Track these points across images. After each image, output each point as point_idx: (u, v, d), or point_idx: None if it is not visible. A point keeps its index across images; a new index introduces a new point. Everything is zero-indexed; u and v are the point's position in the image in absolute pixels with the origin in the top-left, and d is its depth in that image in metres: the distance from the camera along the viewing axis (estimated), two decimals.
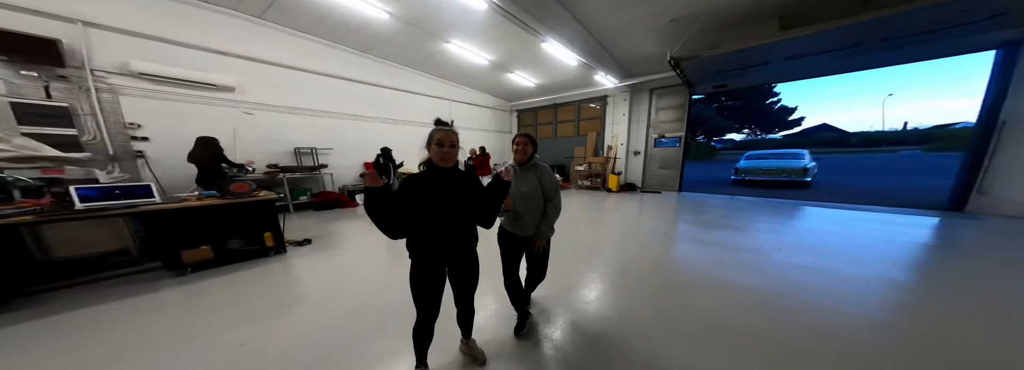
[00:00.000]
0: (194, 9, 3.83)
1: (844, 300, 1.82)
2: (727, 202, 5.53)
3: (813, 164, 7.55)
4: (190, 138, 4.00)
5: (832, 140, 39.93)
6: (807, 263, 2.41)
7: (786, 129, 40.98)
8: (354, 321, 1.61)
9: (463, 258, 1.10)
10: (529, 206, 1.32)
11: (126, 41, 3.48)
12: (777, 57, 4.46)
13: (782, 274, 2.21)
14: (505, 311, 1.67)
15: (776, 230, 3.50)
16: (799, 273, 2.22)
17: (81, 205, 1.87)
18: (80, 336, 1.47)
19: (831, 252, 2.67)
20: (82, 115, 3.33)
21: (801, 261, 2.45)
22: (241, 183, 2.54)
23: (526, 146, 1.31)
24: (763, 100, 36.73)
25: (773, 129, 39.66)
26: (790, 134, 41.95)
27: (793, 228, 3.62)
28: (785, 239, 3.10)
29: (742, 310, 1.71)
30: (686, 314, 1.67)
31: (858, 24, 3.31)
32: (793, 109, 39.49)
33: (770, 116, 37.65)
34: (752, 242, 3.02)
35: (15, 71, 2.96)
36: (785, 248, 2.79)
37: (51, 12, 3.03)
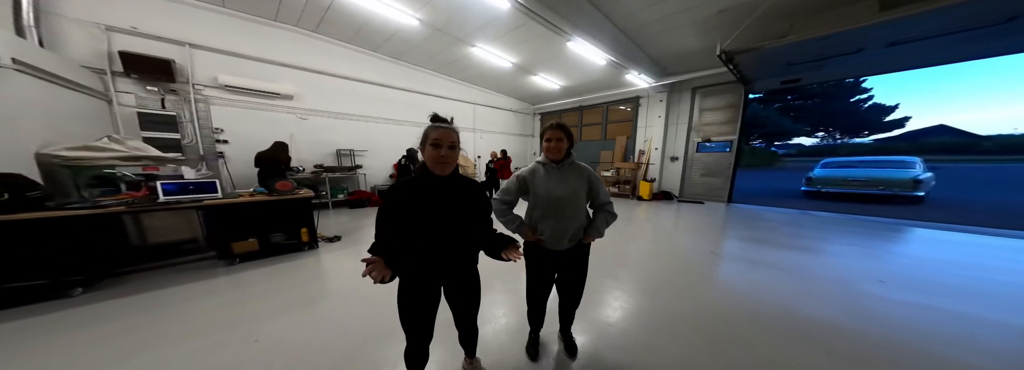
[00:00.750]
0: (265, 27, 4.49)
1: (993, 355, 1.30)
2: (795, 217, 4.63)
3: (928, 175, 5.94)
4: (257, 141, 4.62)
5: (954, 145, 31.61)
6: (924, 301, 1.83)
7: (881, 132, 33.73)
8: (362, 325, 1.60)
9: (462, 278, 0.95)
10: (564, 213, 1.10)
11: (217, 58, 4.20)
12: (877, 43, 3.57)
13: (888, 313, 1.70)
14: (516, 325, 1.53)
15: (871, 255, 2.77)
16: (914, 314, 1.69)
17: (163, 198, 2.22)
18: (143, 318, 1.69)
19: (961, 290, 2.00)
20: (184, 122, 4.06)
21: (915, 298, 1.87)
22: (285, 181, 2.81)
23: (561, 142, 1.10)
24: (846, 97, 30.77)
25: (861, 132, 32.87)
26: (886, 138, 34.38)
27: (896, 255, 2.83)
28: (886, 268, 2.42)
29: (830, 356, 1.31)
30: (744, 346, 1.33)
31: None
32: (892, 107, 32.51)
33: (856, 116, 31.33)
34: (837, 268, 2.41)
35: (143, 87, 3.73)
36: (888, 280, 2.16)
37: (168, 37, 3.78)
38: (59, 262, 1.58)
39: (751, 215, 4.80)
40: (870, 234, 3.57)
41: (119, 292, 1.96)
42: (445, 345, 1.31)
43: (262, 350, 1.37)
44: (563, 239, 1.13)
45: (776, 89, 5.70)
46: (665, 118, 6.56)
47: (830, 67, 4.52)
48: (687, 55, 5.12)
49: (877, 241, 3.28)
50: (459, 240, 0.89)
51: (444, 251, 0.87)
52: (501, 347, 1.40)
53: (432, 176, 0.84)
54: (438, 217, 0.83)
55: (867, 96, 31.32)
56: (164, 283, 2.11)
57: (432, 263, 0.87)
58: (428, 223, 0.83)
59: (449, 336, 1.19)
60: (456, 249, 0.89)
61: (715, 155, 6.14)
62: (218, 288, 2.06)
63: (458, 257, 0.91)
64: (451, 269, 0.91)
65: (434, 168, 0.83)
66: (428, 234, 0.83)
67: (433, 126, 0.83)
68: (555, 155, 1.12)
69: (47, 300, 1.80)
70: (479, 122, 8.06)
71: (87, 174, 2.33)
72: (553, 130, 1.11)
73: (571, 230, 1.12)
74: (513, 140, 9.19)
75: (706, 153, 6.27)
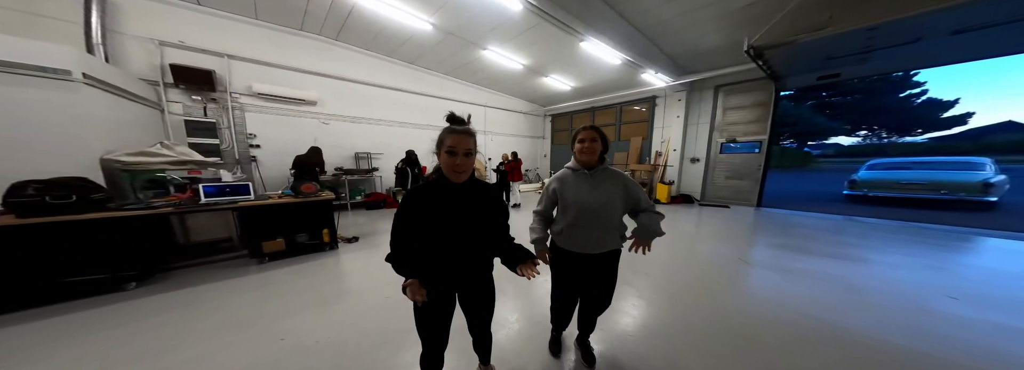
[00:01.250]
0: (292, 36, 4.80)
1: None
2: (837, 223, 4.24)
3: (1001, 177, 5.21)
4: (284, 145, 4.89)
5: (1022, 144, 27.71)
6: (1010, 322, 1.59)
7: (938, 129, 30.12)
8: (379, 327, 1.63)
9: (476, 284, 0.94)
10: (595, 222, 1.05)
11: (250, 67, 4.53)
12: (939, 31, 3.17)
13: (970, 338, 1.49)
14: (530, 330, 1.50)
15: (937, 268, 2.46)
16: (999, 337, 1.47)
17: (204, 200, 2.39)
18: (185, 312, 1.82)
19: None
20: (222, 128, 4.39)
21: (999, 319, 1.64)
22: (309, 184, 2.95)
23: (594, 142, 1.03)
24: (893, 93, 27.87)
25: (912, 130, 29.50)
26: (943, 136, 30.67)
27: (968, 267, 2.49)
28: (958, 283, 2.13)
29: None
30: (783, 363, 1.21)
31: None
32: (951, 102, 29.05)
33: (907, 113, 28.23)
34: (895, 282, 2.16)
35: (188, 96, 4.08)
36: (963, 297, 1.91)
37: (209, 49, 4.12)
38: (117, 258, 1.73)
39: (785, 220, 4.45)
40: (932, 244, 3.17)
41: (165, 287, 2.13)
42: (459, 351, 1.30)
43: (288, 348, 1.43)
44: (595, 245, 1.07)
45: (811, 85, 5.25)
46: (684, 118, 6.27)
47: (877, 60, 4.11)
48: (708, 52, 4.86)
49: (942, 252, 2.91)
50: (475, 246, 0.87)
51: (459, 257, 0.85)
52: (516, 353, 1.37)
53: (448, 182, 0.82)
54: (454, 223, 0.82)
55: (920, 91, 28.19)
56: (203, 279, 2.27)
57: (447, 269, 0.85)
58: (444, 229, 0.81)
59: (463, 342, 1.17)
60: (471, 255, 0.87)
61: (742, 156, 5.76)
62: (249, 285, 2.19)
63: (473, 263, 0.89)
64: (466, 275, 0.90)
65: (449, 176, 0.80)
66: (444, 240, 0.82)
67: (448, 130, 0.78)
68: (588, 157, 1.05)
69: (104, 293, 1.99)
70: (490, 124, 8.12)
71: (142, 177, 2.58)
72: (587, 130, 1.05)
73: (603, 240, 1.07)
74: (523, 142, 9.19)
75: (731, 154, 5.91)
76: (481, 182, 0.89)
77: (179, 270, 2.45)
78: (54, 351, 1.40)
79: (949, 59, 4.14)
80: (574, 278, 1.17)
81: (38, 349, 1.42)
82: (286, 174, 4.73)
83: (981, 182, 5.13)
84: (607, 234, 1.06)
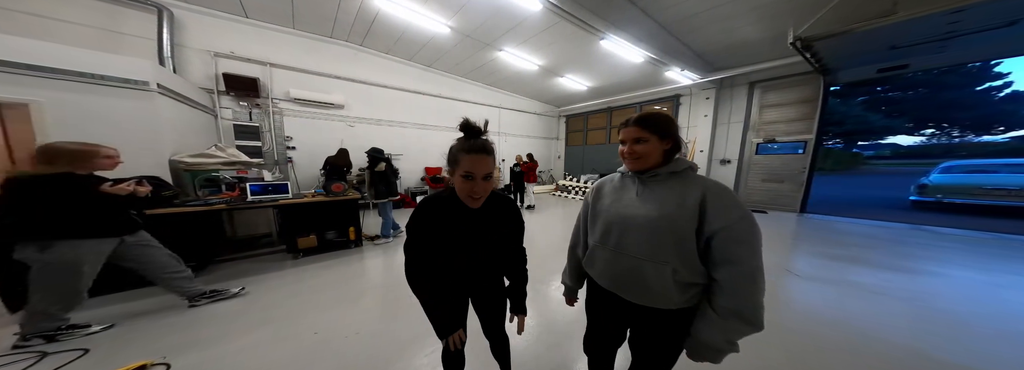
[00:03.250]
0: (322, 43, 5.11)
1: None
2: (901, 232, 3.76)
3: None
4: (316, 147, 5.18)
5: None
6: None
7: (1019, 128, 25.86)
8: (402, 323, 1.67)
9: (486, 291, 0.94)
10: (629, 245, 0.70)
11: (288, 74, 4.87)
12: None
13: None
14: (550, 337, 1.46)
15: None
16: None
17: (251, 198, 2.59)
18: (231, 305, 1.96)
19: None
20: (264, 132, 4.75)
21: None
22: (338, 183, 3.10)
23: (642, 144, 0.69)
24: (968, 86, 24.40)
25: (993, 128, 25.53)
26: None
27: None
28: None
29: None
30: None
31: None
32: None
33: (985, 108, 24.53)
34: (983, 302, 1.87)
35: (237, 102, 4.46)
36: None
37: (255, 58, 4.49)
38: (181, 250, 1.92)
39: (835, 228, 4.00)
40: (1021, 258, 2.70)
41: (218, 277, 2.34)
42: (479, 358, 1.28)
43: (321, 342, 1.50)
44: (624, 287, 0.72)
45: (863, 80, 4.68)
46: (713, 117, 5.87)
47: (958, 47, 3.58)
48: (742, 46, 4.51)
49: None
50: (489, 260, 0.86)
51: (473, 269, 0.85)
52: (537, 359, 1.33)
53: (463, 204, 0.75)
54: (469, 244, 0.80)
55: (1003, 83, 24.47)
56: (248, 272, 2.47)
57: (460, 279, 0.85)
58: (458, 248, 0.80)
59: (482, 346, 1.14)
60: (485, 267, 0.87)
61: (782, 157, 5.28)
62: (286, 280, 2.33)
63: (486, 273, 0.89)
64: (477, 284, 0.90)
65: (466, 202, 0.73)
66: (458, 257, 0.81)
67: (465, 148, 0.67)
68: (635, 166, 0.72)
69: None
70: (504, 126, 8.14)
71: (201, 177, 2.84)
72: (627, 128, 0.70)
73: (640, 279, 0.68)
74: (537, 143, 9.11)
75: (769, 155, 5.44)
76: (496, 195, 0.81)
77: (228, 262, 2.67)
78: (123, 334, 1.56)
79: None
80: (609, 322, 0.83)
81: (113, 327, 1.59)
82: (316, 174, 5.02)
83: None
84: (649, 270, 0.67)
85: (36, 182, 1.28)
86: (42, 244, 1.31)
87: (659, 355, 0.74)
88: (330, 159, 4.23)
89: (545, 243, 3.23)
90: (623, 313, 0.77)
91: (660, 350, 0.74)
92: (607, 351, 0.89)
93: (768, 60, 4.69)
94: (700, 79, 5.45)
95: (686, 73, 5.22)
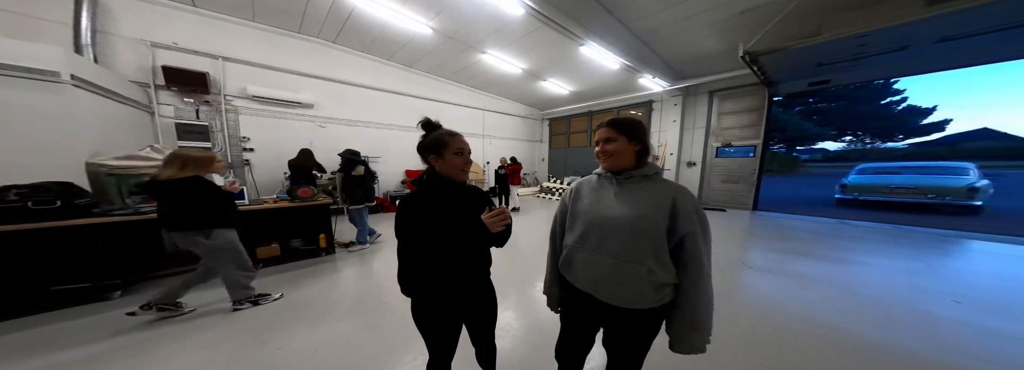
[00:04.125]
0: (290, 39, 4.74)
1: None
2: (831, 227, 4.31)
3: (985, 182, 5.40)
4: (280, 149, 4.79)
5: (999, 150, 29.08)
6: (1008, 327, 1.61)
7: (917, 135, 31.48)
8: (379, 334, 1.57)
9: (475, 287, 0.91)
10: (606, 246, 0.73)
11: (245, 70, 4.45)
12: (925, 39, 3.31)
13: (978, 342, 1.50)
14: (537, 339, 1.45)
15: (933, 272, 2.50)
16: (1011, 343, 1.49)
17: None
18: (166, 323, 1.72)
19: None
20: (215, 131, 4.28)
21: (1005, 324, 1.66)
22: (306, 188, 2.88)
23: (612, 143, 0.73)
24: (875, 100, 29.14)
25: (894, 136, 30.78)
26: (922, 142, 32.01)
27: (960, 271, 2.54)
28: (954, 287, 2.17)
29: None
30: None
31: None
32: (929, 109, 30.46)
33: (888, 120, 29.51)
34: (898, 286, 2.19)
35: (180, 98, 3.98)
36: (965, 301, 1.93)
37: (203, 51, 4.03)
38: (101, 266, 1.67)
39: (781, 224, 4.51)
40: (925, 247, 3.24)
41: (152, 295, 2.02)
42: (464, 363, 1.24)
43: (285, 358, 1.36)
44: (601, 288, 0.73)
45: (800, 92, 5.40)
46: (680, 122, 6.38)
47: (866, 67, 4.26)
48: (704, 57, 4.98)
49: (935, 255, 2.98)
50: (476, 248, 0.87)
51: (464, 262, 0.85)
52: (521, 362, 1.33)
53: (445, 185, 0.83)
54: (456, 227, 0.81)
55: (901, 98, 29.50)
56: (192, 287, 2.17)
57: (452, 269, 0.84)
58: (453, 230, 0.80)
59: (467, 353, 1.12)
60: (471, 260, 0.87)
61: (737, 160, 5.86)
62: None
63: (476, 260, 0.88)
64: (469, 272, 0.88)
65: (458, 177, 0.83)
66: (453, 241, 0.80)
67: (449, 133, 0.83)
68: (610, 163, 0.75)
69: (88, 302, 1.89)
70: (488, 128, 8.12)
71: (130, 182, 2.47)
72: (601, 128, 0.75)
73: (618, 279, 0.70)
74: (521, 145, 9.21)
75: (727, 158, 6.01)
76: (469, 186, 0.91)
77: (169, 277, 2.34)
78: (27, 366, 1.30)
79: (932, 67, 4.33)
80: (582, 324, 0.83)
81: (8, 365, 1.32)
82: (280, 178, 4.62)
83: (966, 187, 5.29)
84: (625, 267, 0.69)
85: (173, 184, 1.56)
86: (205, 232, 1.64)
87: (633, 353, 0.78)
88: (293, 162, 3.90)
89: (530, 245, 3.16)
90: (597, 315, 0.79)
91: (634, 348, 0.77)
92: (577, 357, 0.91)
93: (724, 71, 5.21)
94: (669, 86, 5.90)
95: (657, 80, 5.61)
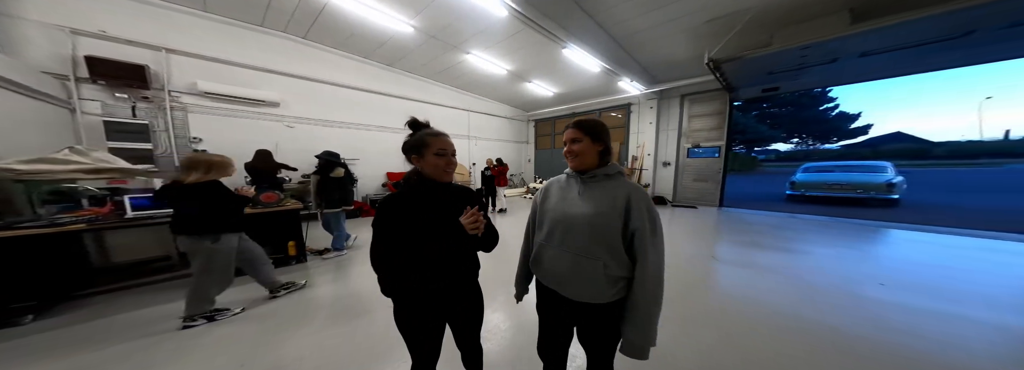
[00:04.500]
0: (251, 32, 4.33)
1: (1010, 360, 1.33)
2: (783, 220, 4.77)
3: (900, 179, 6.32)
4: (240, 150, 4.38)
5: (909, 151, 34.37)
6: (928, 305, 1.87)
7: (847, 138, 36.20)
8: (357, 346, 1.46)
9: (463, 289, 0.88)
10: (572, 243, 0.77)
11: (196, 64, 3.99)
12: (850, 53, 3.83)
13: (897, 318, 1.71)
14: (524, 339, 1.44)
15: (863, 258, 2.86)
16: (922, 318, 1.71)
17: (131, 213, 2.02)
18: (95, 349, 1.48)
19: (958, 292, 2.06)
20: (157, 131, 3.80)
21: (918, 302, 1.91)
22: (270, 193, 2.64)
23: (578, 143, 0.76)
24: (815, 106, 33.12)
25: (830, 138, 35.22)
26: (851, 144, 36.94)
27: (884, 257, 2.93)
28: (880, 271, 2.48)
29: (855, 367, 1.31)
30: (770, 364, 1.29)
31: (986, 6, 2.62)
32: (856, 116, 35.06)
33: (825, 124, 33.66)
34: (834, 272, 2.46)
35: (111, 94, 3.48)
36: (889, 283, 2.21)
37: (141, 41, 3.56)
38: (8, 287, 1.39)
39: (742, 219, 4.92)
40: (856, 236, 3.70)
41: (75, 319, 1.73)
42: (447, 364, 1.20)
43: None
44: (565, 283, 0.77)
45: (756, 97, 5.98)
46: (656, 124, 6.75)
47: (806, 76, 4.81)
48: (676, 63, 5.32)
49: (863, 243, 3.40)
50: (461, 250, 0.84)
51: (448, 265, 0.82)
52: (509, 362, 1.32)
53: (431, 186, 0.82)
54: (439, 228, 0.78)
55: (834, 105, 33.71)
56: (129, 306, 1.89)
57: (437, 272, 0.81)
58: (436, 232, 0.77)
59: (451, 356, 1.09)
60: (459, 261, 0.85)
61: (705, 160, 6.32)
62: None
63: (462, 262, 0.86)
64: (454, 275, 0.85)
65: (440, 177, 0.81)
66: (436, 243, 0.78)
67: (431, 133, 0.81)
68: (576, 162, 0.79)
69: None
70: (473, 129, 8.03)
71: (44, 189, 2.10)
72: (570, 129, 0.78)
73: (578, 274, 0.74)
74: (508, 146, 9.22)
75: (696, 158, 6.45)
76: (457, 185, 0.90)
77: (100, 296, 2.02)
78: None
79: (858, 78, 5.02)
80: (556, 321, 0.87)
81: None
82: (241, 183, 4.20)
83: (885, 183, 6.16)
84: (583, 263, 0.74)
85: (197, 188, 1.61)
86: (215, 237, 1.63)
87: (603, 346, 0.82)
88: (249, 165, 3.55)
89: (517, 246, 3.09)
90: (566, 311, 0.82)
91: (603, 342, 0.81)
92: (559, 352, 0.94)
93: (694, 77, 5.60)
94: (646, 90, 6.22)
95: (635, 84, 5.89)
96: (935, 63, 4.16)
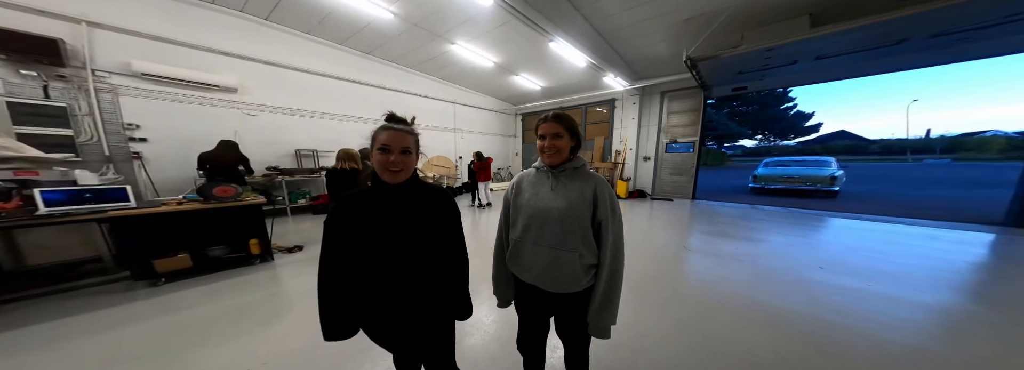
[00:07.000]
0: (199, 10, 3.80)
1: (914, 331, 1.53)
2: (746, 211, 5.16)
3: (841, 172, 7.08)
4: (191, 139, 3.93)
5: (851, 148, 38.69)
6: (856, 285, 2.11)
7: (802, 136, 39.86)
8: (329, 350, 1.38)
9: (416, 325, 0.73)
10: (547, 232, 0.78)
11: (130, 41, 3.45)
12: (807, 56, 4.14)
13: (830, 298, 1.92)
14: (507, 334, 1.44)
15: (809, 245, 3.16)
16: (851, 297, 1.94)
17: (44, 209, 1.73)
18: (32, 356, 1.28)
19: (880, 273, 2.34)
20: (80, 115, 3.27)
21: (849, 282, 2.15)
22: (226, 186, 2.39)
23: (557, 139, 0.77)
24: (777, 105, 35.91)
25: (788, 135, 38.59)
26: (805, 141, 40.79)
27: (826, 243, 3.26)
28: (822, 256, 2.76)
29: (793, 343, 1.43)
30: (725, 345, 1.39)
31: (916, 16, 2.92)
32: (810, 115, 38.43)
33: (784, 122, 36.73)
34: (785, 258, 2.70)
35: (14, 70, 2.92)
36: (827, 266, 2.46)
37: (55, 12, 3.01)
38: None
39: (712, 211, 5.26)
40: (805, 225, 4.10)
41: None
42: None
43: None
44: (545, 277, 0.79)
45: (727, 96, 6.32)
46: (638, 120, 6.92)
47: (771, 77, 5.14)
48: (657, 60, 5.44)
49: (810, 231, 3.77)
50: (419, 265, 0.70)
51: (400, 283, 0.70)
52: (492, 358, 1.31)
53: (383, 187, 0.70)
54: (389, 234, 0.68)
55: (792, 104, 36.67)
56: (58, 313, 1.65)
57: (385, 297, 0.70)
58: (382, 242, 0.67)
59: None
60: (415, 273, 0.70)
61: (681, 155, 6.63)
62: (138, 315, 1.66)
63: (416, 290, 0.71)
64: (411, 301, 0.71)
65: (382, 175, 0.69)
66: (379, 257, 0.67)
67: (383, 126, 0.70)
68: (551, 159, 0.79)
69: None
70: (460, 122, 7.79)
71: None
72: (547, 123, 0.76)
73: (558, 267, 0.77)
74: (495, 140, 9.09)
75: (674, 153, 6.75)
76: (427, 185, 0.77)
77: (21, 302, 1.74)
78: None
79: (813, 79, 5.45)
80: (535, 313, 0.89)
81: None
82: (191, 175, 3.78)
83: (829, 176, 6.86)
84: (561, 256, 0.76)
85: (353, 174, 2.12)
86: None
87: (580, 334, 0.84)
88: (206, 156, 3.20)
89: None
90: (545, 303, 0.85)
91: (580, 329, 0.83)
92: (537, 345, 0.96)
93: (673, 74, 5.77)
94: (629, 85, 6.32)
95: (619, 79, 5.96)
96: (876, 67, 4.63)
